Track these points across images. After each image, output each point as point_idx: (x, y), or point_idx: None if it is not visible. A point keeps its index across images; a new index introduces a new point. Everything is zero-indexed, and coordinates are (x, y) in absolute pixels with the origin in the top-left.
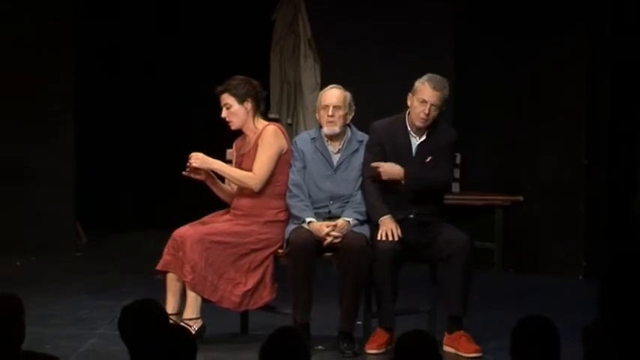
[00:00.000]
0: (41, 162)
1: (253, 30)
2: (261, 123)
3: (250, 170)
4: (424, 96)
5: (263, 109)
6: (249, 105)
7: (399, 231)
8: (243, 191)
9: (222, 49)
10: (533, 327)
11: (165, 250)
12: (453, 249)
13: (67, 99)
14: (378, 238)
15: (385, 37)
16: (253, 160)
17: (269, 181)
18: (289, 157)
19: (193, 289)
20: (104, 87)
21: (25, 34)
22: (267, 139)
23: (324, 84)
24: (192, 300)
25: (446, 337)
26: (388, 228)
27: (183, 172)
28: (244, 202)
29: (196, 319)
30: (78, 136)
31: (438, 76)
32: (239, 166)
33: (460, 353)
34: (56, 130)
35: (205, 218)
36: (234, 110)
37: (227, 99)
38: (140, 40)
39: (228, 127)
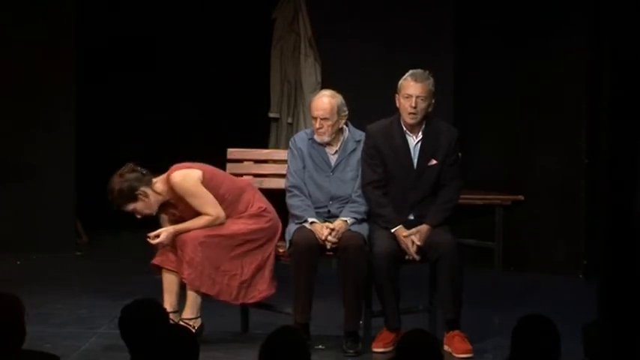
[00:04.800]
0: (41, 161)
1: (253, 29)
2: (161, 183)
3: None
4: (408, 90)
5: (148, 176)
6: (144, 194)
7: (416, 242)
8: None
9: (223, 49)
10: (533, 326)
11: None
12: (440, 252)
13: (67, 97)
14: (406, 258)
15: (385, 37)
16: (192, 209)
17: (219, 201)
18: (210, 173)
19: (192, 284)
20: (105, 85)
21: (25, 32)
22: (182, 187)
23: (324, 83)
24: (192, 299)
25: (445, 337)
26: (406, 246)
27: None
28: None
29: (196, 318)
30: (78, 135)
31: (419, 70)
32: (184, 220)
33: (452, 353)
34: (57, 130)
35: None
36: (140, 208)
37: (129, 208)
38: (140, 40)
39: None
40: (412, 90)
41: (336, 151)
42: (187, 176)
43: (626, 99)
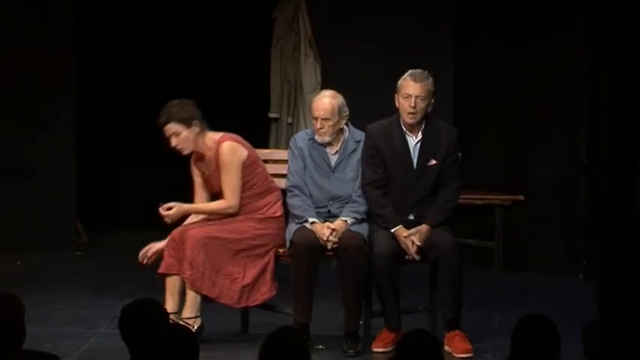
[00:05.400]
0: (41, 161)
1: (253, 29)
2: (211, 138)
3: (220, 190)
4: (407, 90)
5: (205, 123)
6: (197, 127)
7: (416, 242)
8: None
9: (223, 49)
10: (533, 326)
11: (166, 252)
12: (440, 252)
13: (67, 97)
14: (406, 258)
15: (385, 37)
16: (219, 179)
17: (244, 190)
18: (253, 158)
19: (192, 285)
20: (104, 85)
21: (25, 32)
22: (226, 159)
23: (324, 83)
24: (192, 299)
25: (445, 337)
26: (406, 246)
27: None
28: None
29: (195, 317)
30: (78, 135)
31: (418, 70)
32: (212, 188)
33: (452, 352)
34: (56, 129)
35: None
36: (184, 136)
37: (173, 127)
38: (140, 40)
39: (182, 152)
40: (411, 90)
41: (337, 152)
42: (236, 152)
43: (626, 99)
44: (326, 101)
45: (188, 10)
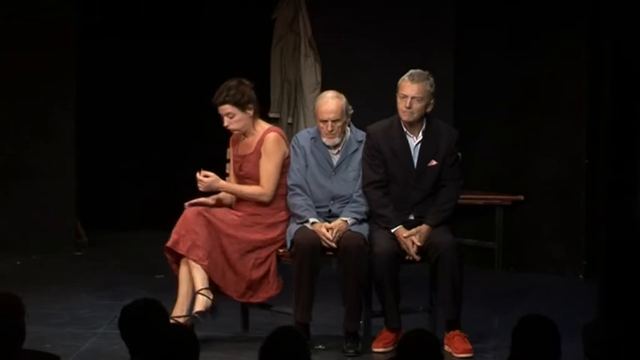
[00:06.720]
0: (41, 161)
1: (253, 29)
2: (261, 126)
3: (252, 174)
4: (404, 91)
5: (260, 110)
6: (251, 111)
7: (416, 243)
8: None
9: (223, 49)
10: (533, 327)
11: (177, 228)
12: (440, 252)
13: (67, 98)
14: (406, 258)
15: (385, 37)
16: (254, 165)
17: None
18: (288, 159)
19: (207, 271)
20: (105, 85)
21: (25, 32)
22: (271, 147)
23: (324, 83)
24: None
25: (445, 337)
26: (406, 246)
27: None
28: (245, 208)
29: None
30: (78, 134)
31: (419, 70)
32: (239, 168)
33: (452, 353)
34: (57, 129)
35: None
36: (238, 118)
37: (229, 109)
38: (140, 40)
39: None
40: (408, 90)
41: (339, 151)
42: (280, 144)
43: (627, 99)
44: (333, 102)
45: (188, 11)
